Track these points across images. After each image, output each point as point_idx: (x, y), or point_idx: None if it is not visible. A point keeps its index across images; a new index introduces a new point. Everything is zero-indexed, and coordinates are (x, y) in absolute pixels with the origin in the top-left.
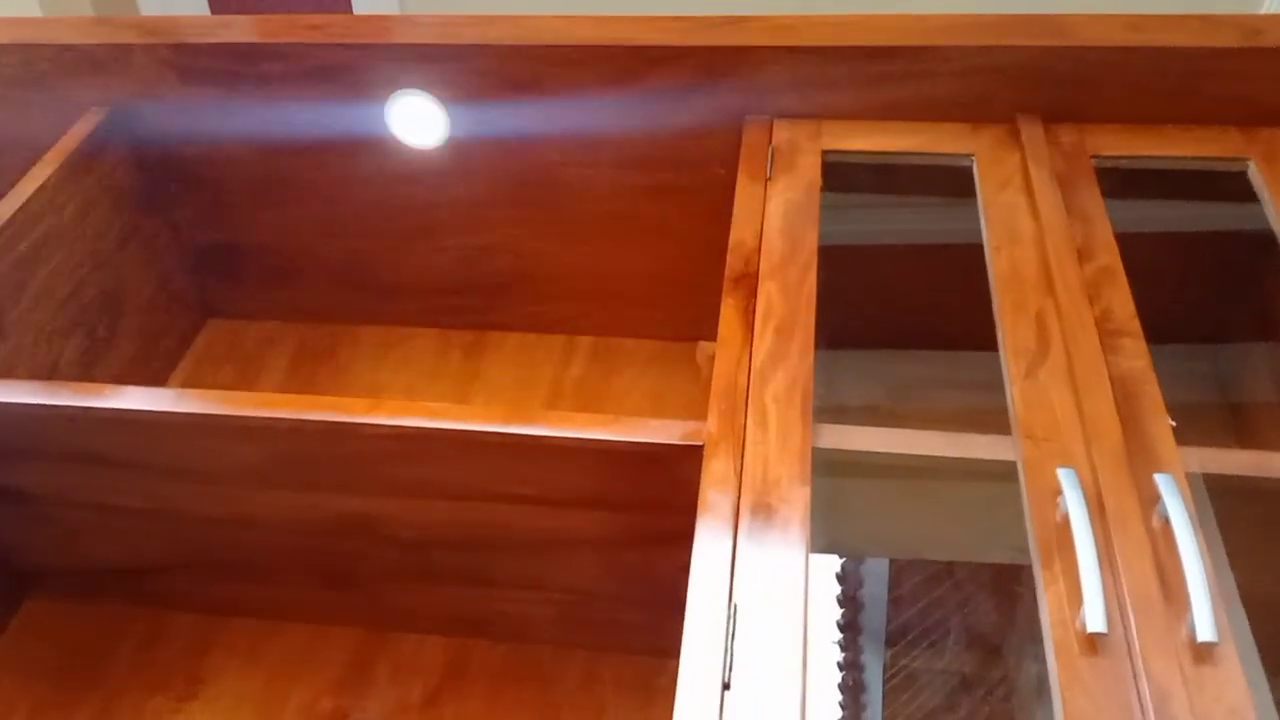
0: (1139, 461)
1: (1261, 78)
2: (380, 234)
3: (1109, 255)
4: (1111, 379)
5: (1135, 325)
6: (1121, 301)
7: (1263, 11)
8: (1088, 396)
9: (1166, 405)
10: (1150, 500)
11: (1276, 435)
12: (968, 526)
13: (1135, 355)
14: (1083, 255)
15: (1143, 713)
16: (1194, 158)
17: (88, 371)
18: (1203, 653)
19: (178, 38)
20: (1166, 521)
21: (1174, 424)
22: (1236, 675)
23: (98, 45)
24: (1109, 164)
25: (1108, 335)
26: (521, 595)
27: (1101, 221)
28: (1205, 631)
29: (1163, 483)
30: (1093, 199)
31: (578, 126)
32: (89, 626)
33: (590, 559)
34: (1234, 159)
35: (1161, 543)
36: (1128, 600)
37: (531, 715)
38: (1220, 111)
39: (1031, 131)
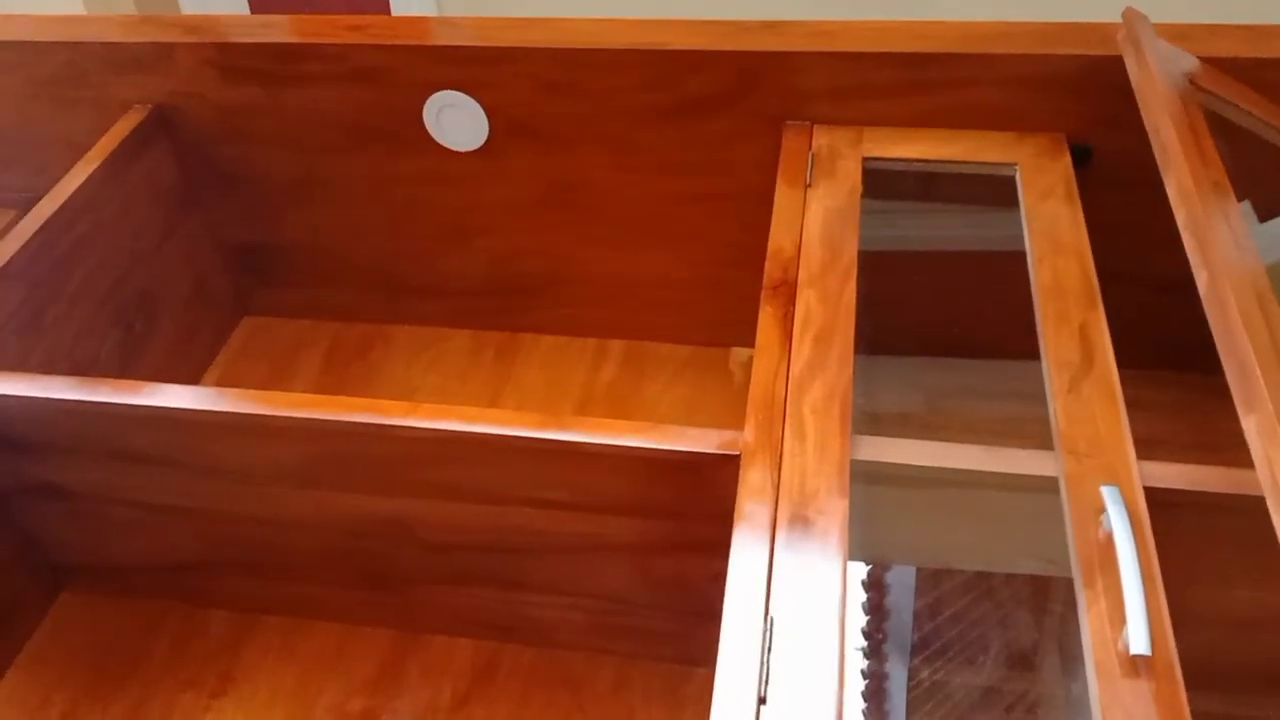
0: None
1: None
2: (415, 235)
3: None
4: None
5: None
6: None
7: None
8: None
9: None
10: None
11: None
12: (999, 536)
13: None
14: None
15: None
16: None
17: (124, 368)
18: None
19: (220, 37)
20: None
21: None
22: None
23: (141, 44)
24: None
25: None
26: (552, 600)
27: None
28: None
29: None
30: None
31: (613, 130)
32: (123, 622)
33: (622, 565)
34: None
35: None
36: None
37: None
38: None
39: None
